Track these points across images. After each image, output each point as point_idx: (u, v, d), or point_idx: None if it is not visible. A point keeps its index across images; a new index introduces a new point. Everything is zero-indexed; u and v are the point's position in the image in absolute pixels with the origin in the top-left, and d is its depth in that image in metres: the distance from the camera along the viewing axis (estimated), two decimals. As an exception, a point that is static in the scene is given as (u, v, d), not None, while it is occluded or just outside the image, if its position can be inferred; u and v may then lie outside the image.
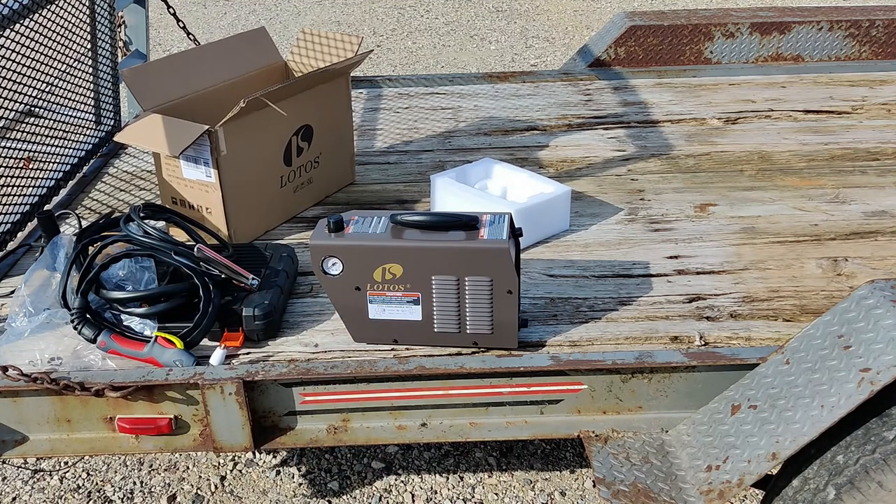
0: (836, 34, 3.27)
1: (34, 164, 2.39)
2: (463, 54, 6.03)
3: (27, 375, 1.59)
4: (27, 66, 2.27)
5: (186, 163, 2.04)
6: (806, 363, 1.48)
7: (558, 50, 6.04)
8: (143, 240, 1.77)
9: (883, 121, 2.78)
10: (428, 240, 1.62)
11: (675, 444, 1.62)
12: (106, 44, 2.79)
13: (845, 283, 1.91)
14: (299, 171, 2.25)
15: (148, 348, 1.66)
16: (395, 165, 2.60)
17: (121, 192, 2.51)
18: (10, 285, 2.00)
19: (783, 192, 2.33)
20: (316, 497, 2.34)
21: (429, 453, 2.48)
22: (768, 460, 1.45)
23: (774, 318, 1.79)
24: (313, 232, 1.67)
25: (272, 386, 1.64)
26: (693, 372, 1.61)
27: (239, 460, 2.47)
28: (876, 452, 1.39)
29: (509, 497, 2.32)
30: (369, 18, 6.88)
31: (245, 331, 1.75)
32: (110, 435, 1.67)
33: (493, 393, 1.63)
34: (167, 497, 2.35)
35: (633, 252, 2.06)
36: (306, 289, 1.95)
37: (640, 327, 1.78)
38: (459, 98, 3.13)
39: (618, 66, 3.31)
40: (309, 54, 2.43)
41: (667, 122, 2.84)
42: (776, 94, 3.03)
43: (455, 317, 1.67)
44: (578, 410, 1.65)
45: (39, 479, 2.42)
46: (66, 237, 1.97)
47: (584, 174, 2.49)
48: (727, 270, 1.97)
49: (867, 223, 2.15)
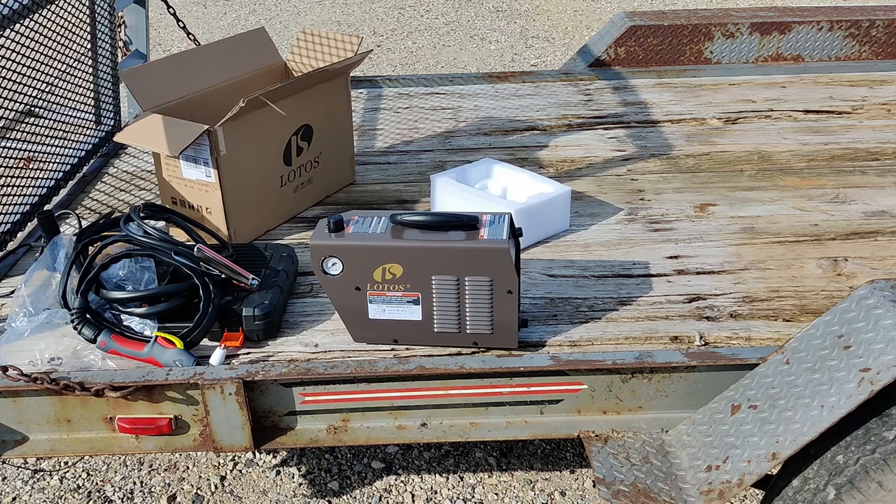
0: (836, 34, 3.27)
1: (34, 164, 2.39)
2: (463, 54, 6.03)
3: (27, 375, 1.59)
4: (27, 66, 2.27)
5: (186, 163, 2.04)
6: (806, 363, 1.48)
7: (558, 50, 6.04)
8: (143, 240, 1.77)
9: (883, 121, 2.78)
10: (428, 240, 1.62)
11: (675, 444, 1.62)
12: (106, 44, 2.79)
13: (845, 283, 1.91)
14: (299, 171, 2.25)
15: (148, 348, 1.66)
16: (395, 165, 2.60)
17: (121, 192, 2.51)
18: (10, 285, 2.00)
19: (783, 192, 2.33)
20: (316, 497, 2.34)
21: (429, 453, 2.48)
22: (768, 460, 1.45)
23: (774, 318, 1.79)
24: (313, 232, 1.67)
25: (272, 386, 1.64)
26: (693, 372, 1.61)
27: (239, 460, 2.47)
28: (876, 452, 1.39)
29: (509, 497, 2.32)
30: (369, 18, 6.88)
31: (245, 331, 1.75)
32: (110, 435, 1.67)
33: (493, 393, 1.63)
34: (167, 497, 2.35)
35: (633, 252, 2.06)
36: (306, 289, 1.95)
37: (640, 327, 1.78)
38: (459, 98, 3.13)
39: (618, 66, 3.31)
40: (308, 54, 2.43)
41: (667, 122, 2.84)
42: (776, 94, 3.03)
43: (455, 317, 1.67)
44: (578, 410, 1.65)
45: (39, 479, 2.42)
46: (66, 237, 1.97)
47: (584, 174, 2.49)
48: (727, 270, 1.97)
49: (867, 223, 2.15)
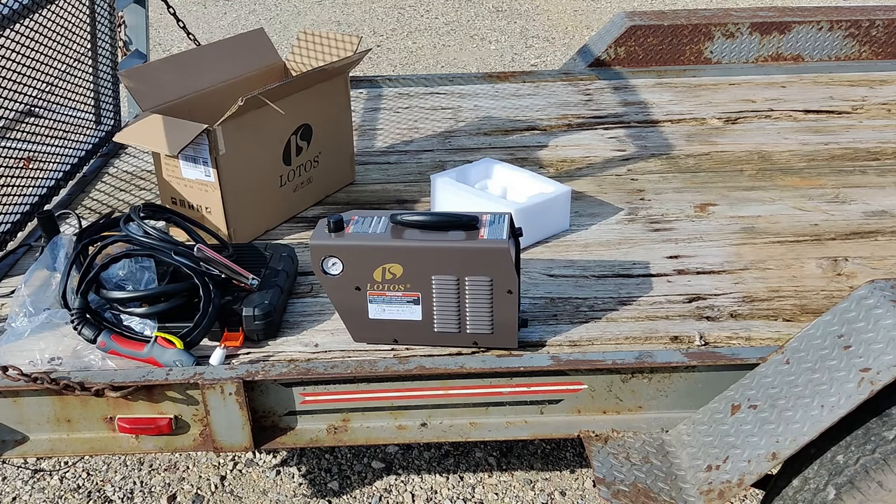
0: (836, 34, 3.27)
1: (34, 164, 2.39)
2: (463, 54, 6.03)
3: (27, 375, 1.59)
4: (27, 66, 2.27)
5: (186, 162, 2.04)
6: (806, 363, 1.48)
7: (558, 50, 6.04)
8: (143, 240, 1.77)
9: (883, 121, 2.78)
10: (428, 240, 1.62)
11: (675, 444, 1.62)
12: (106, 44, 2.79)
13: (845, 283, 1.91)
14: (299, 171, 2.25)
15: (148, 348, 1.66)
16: (395, 165, 2.60)
17: (121, 192, 2.51)
18: (10, 285, 2.00)
19: (783, 192, 2.33)
20: (316, 497, 2.34)
21: (429, 453, 2.48)
22: (768, 460, 1.45)
23: (774, 318, 1.79)
24: (313, 232, 1.67)
25: (272, 386, 1.64)
26: (693, 372, 1.61)
27: (239, 460, 2.47)
28: (876, 452, 1.39)
29: (509, 497, 2.32)
30: (369, 18, 6.88)
31: (245, 331, 1.75)
32: (110, 435, 1.67)
33: (493, 393, 1.63)
34: (167, 497, 2.35)
35: (633, 252, 2.06)
36: (306, 289, 1.95)
37: (640, 327, 1.78)
38: (459, 98, 3.13)
39: (618, 66, 3.31)
40: (308, 54, 2.42)
41: (667, 122, 2.84)
42: (776, 94, 3.03)
43: (455, 317, 1.67)
44: (578, 410, 1.65)
45: (39, 479, 2.42)
46: (66, 237, 1.97)
47: (584, 174, 2.49)
48: (727, 270, 1.97)
49: (867, 223, 2.15)
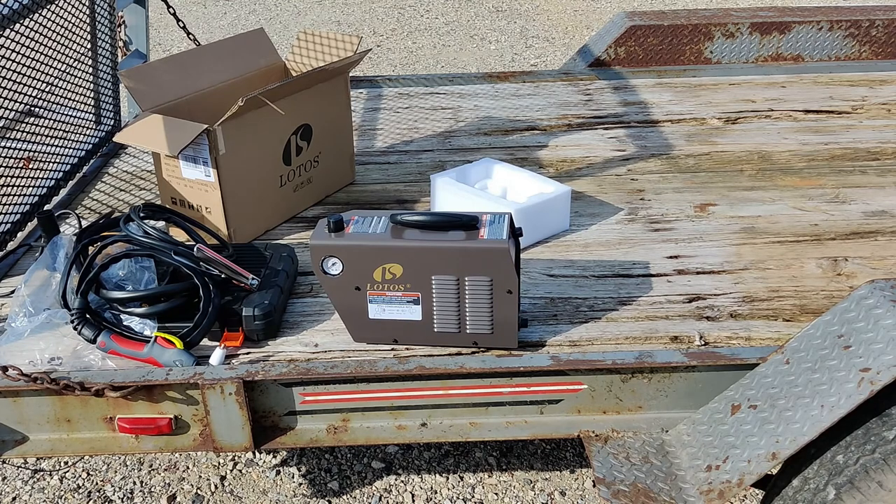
0: (836, 34, 3.27)
1: (34, 164, 2.39)
2: (463, 54, 6.03)
3: (27, 375, 1.59)
4: (27, 66, 2.27)
5: (185, 162, 2.04)
6: (806, 363, 1.48)
7: (558, 50, 6.04)
8: (143, 240, 1.77)
9: (883, 121, 2.78)
10: (428, 240, 1.62)
11: (675, 444, 1.62)
12: (106, 44, 2.79)
13: (845, 283, 1.91)
14: (299, 171, 2.25)
15: (148, 348, 1.66)
16: (395, 165, 2.60)
17: (121, 192, 2.51)
18: (10, 285, 2.00)
19: (783, 192, 2.33)
20: (316, 497, 2.34)
21: (429, 453, 2.48)
22: (768, 460, 1.45)
23: (774, 318, 1.79)
24: (313, 232, 1.67)
25: (272, 386, 1.64)
26: (693, 372, 1.61)
27: (239, 460, 2.47)
28: (876, 452, 1.39)
29: (509, 497, 2.32)
30: (369, 18, 6.88)
31: (245, 331, 1.75)
32: (110, 435, 1.67)
33: (493, 393, 1.63)
34: (167, 497, 2.35)
35: (633, 252, 2.06)
36: (306, 289, 1.95)
37: (640, 327, 1.78)
38: (459, 98, 3.13)
39: (618, 66, 3.31)
40: (308, 54, 2.42)
41: (667, 122, 2.84)
42: (776, 94, 3.03)
43: (455, 317, 1.67)
44: (578, 410, 1.65)
45: (39, 479, 2.42)
46: (66, 237, 1.97)
47: (584, 174, 2.49)
48: (727, 270, 1.97)
49: (867, 223, 2.15)
